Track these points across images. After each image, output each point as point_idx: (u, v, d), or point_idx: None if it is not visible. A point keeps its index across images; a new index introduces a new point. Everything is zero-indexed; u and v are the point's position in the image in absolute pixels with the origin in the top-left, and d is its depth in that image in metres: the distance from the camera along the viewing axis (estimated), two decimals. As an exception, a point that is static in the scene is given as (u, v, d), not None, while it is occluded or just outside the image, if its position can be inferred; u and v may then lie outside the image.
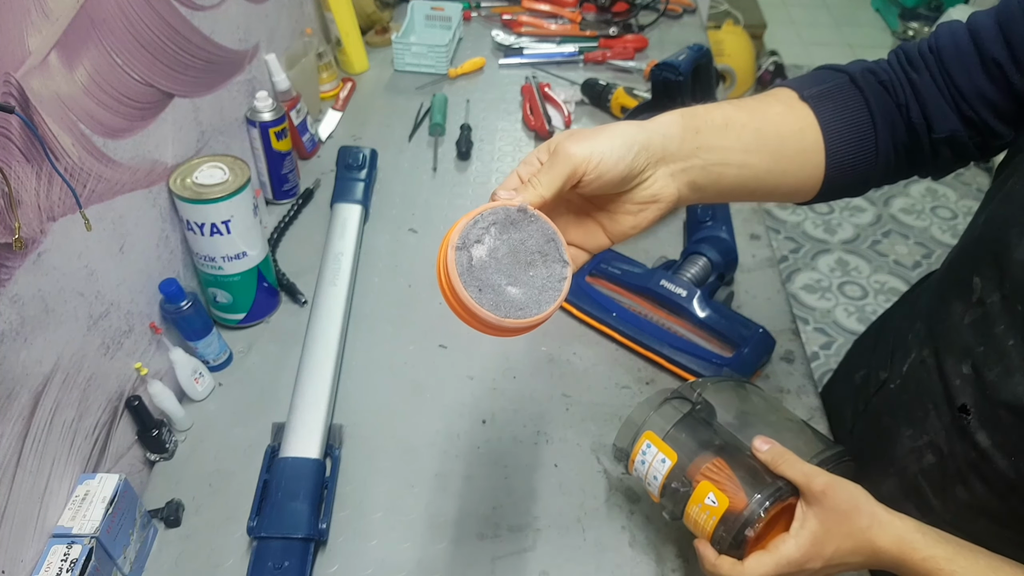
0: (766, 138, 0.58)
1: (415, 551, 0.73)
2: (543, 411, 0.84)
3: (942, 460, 0.64)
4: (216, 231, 0.83)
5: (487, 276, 0.49)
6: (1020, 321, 0.54)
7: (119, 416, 0.76)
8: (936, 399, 0.64)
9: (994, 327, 0.56)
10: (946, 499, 0.64)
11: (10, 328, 0.60)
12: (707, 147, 0.56)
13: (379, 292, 0.99)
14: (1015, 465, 0.56)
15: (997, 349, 0.56)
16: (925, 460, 0.66)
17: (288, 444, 0.77)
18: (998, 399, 0.56)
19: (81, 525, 0.65)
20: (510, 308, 0.49)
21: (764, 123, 0.59)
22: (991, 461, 0.58)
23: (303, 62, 1.18)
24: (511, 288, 0.49)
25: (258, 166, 1.07)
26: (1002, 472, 0.57)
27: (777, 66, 3.02)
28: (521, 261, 0.50)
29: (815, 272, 2.40)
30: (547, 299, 0.50)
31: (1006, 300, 0.55)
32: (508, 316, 0.48)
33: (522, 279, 0.50)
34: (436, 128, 1.23)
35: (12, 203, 0.58)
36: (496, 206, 0.50)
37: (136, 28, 0.76)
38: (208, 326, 0.85)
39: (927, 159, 0.62)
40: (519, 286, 0.50)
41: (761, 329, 0.88)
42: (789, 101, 0.60)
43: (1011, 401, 0.55)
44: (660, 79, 1.05)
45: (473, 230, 0.49)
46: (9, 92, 0.58)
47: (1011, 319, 0.54)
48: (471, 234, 0.49)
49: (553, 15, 1.52)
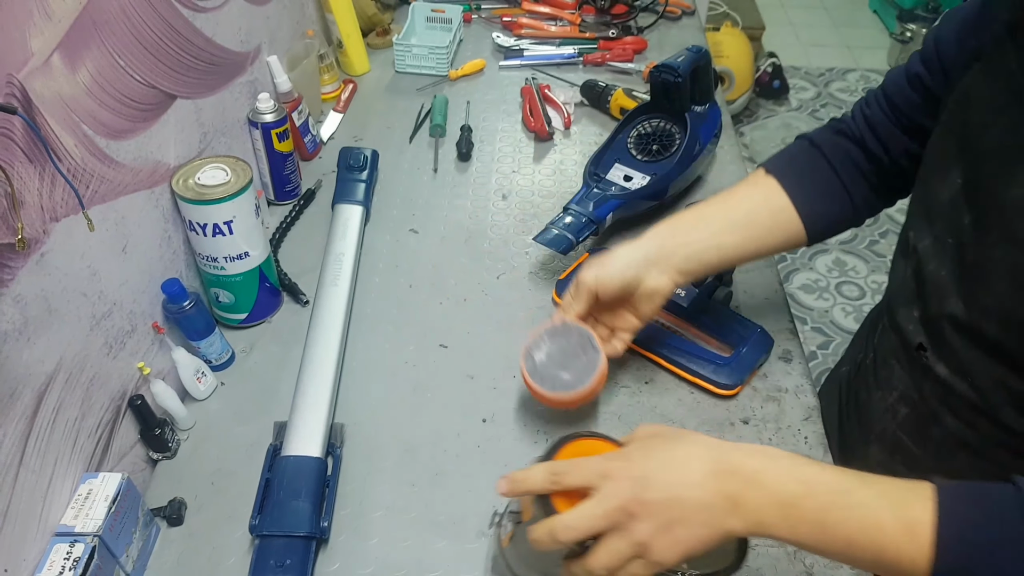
0: (735, 218, 0.75)
1: (415, 549, 0.73)
2: (543, 410, 0.85)
3: (914, 408, 0.71)
4: (218, 231, 0.83)
5: (547, 371, 0.75)
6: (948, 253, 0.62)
7: (122, 415, 0.76)
8: (897, 353, 0.72)
9: (927, 266, 0.65)
10: (925, 443, 0.69)
11: (13, 328, 0.60)
12: (684, 243, 0.73)
13: (380, 292, 0.99)
14: (973, 386, 0.63)
15: (933, 283, 0.64)
16: (900, 414, 0.73)
17: (290, 443, 0.77)
18: (942, 325, 0.64)
19: (84, 524, 0.65)
20: (565, 387, 0.73)
21: (731, 206, 0.76)
22: (953, 389, 0.65)
23: (304, 64, 1.18)
24: (564, 374, 0.74)
25: (260, 167, 1.07)
26: (964, 396, 0.64)
27: (775, 68, 3.03)
28: (568, 355, 0.74)
29: (813, 272, 2.40)
30: (589, 377, 0.73)
31: (936, 240, 0.64)
32: (564, 392, 0.73)
33: (571, 367, 0.74)
34: (437, 129, 1.23)
35: (15, 204, 0.59)
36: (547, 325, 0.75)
37: (138, 30, 0.76)
38: (210, 326, 0.85)
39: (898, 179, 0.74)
40: (569, 372, 0.74)
41: (759, 329, 0.89)
42: (755, 178, 0.77)
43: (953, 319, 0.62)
44: (659, 81, 1.05)
45: (534, 343, 0.75)
46: (12, 93, 0.59)
47: (941, 255, 0.63)
48: (532, 345, 0.75)
49: (553, 17, 1.52)
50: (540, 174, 1.18)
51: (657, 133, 1.10)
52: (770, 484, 0.52)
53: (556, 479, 0.56)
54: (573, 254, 0.99)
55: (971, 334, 0.61)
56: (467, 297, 0.98)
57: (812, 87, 3.21)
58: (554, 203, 1.12)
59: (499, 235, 1.07)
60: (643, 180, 1.05)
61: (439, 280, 1.01)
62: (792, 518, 0.51)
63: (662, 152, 1.08)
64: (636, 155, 1.09)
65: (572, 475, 0.56)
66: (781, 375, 0.88)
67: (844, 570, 0.71)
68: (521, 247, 1.05)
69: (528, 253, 1.04)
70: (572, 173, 1.18)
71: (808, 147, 0.78)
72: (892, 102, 0.73)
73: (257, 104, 1.02)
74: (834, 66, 3.33)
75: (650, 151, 1.08)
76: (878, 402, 0.76)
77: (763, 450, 0.55)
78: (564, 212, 1.00)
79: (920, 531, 0.49)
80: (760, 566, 0.71)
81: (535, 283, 1.00)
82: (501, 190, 1.15)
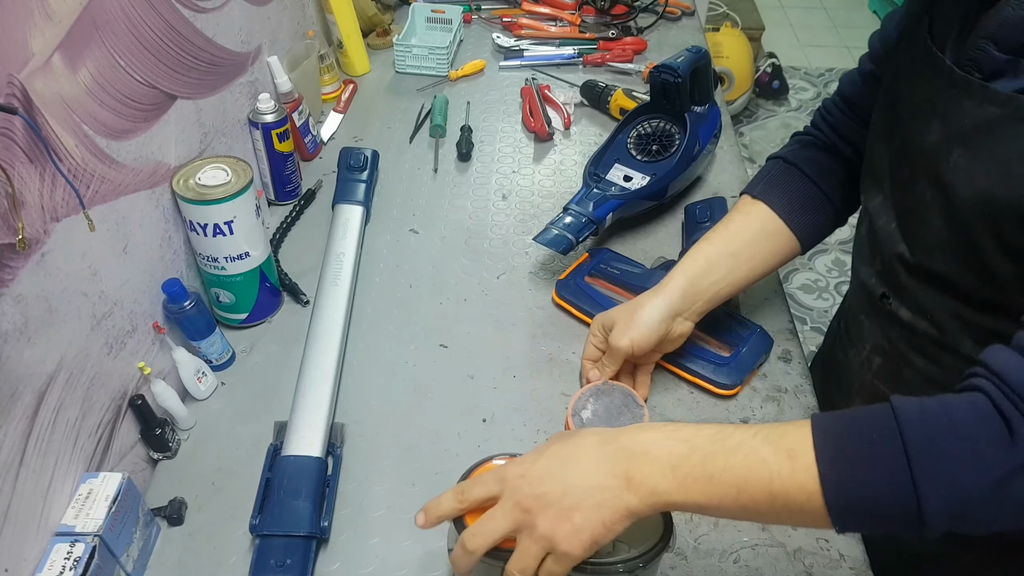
0: (739, 252, 0.81)
1: (416, 549, 0.73)
2: (543, 410, 0.85)
3: (886, 355, 0.75)
4: (219, 232, 0.83)
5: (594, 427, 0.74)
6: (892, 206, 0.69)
7: (122, 415, 0.76)
8: (864, 307, 0.77)
9: (877, 222, 0.71)
10: (901, 387, 0.72)
11: (14, 328, 0.60)
12: (701, 290, 0.80)
13: (380, 292, 0.99)
14: (933, 323, 0.68)
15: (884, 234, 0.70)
16: (874, 363, 0.77)
17: (290, 443, 0.77)
18: (897, 271, 0.69)
19: (84, 523, 0.65)
20: None
21: (733, 242, 0.81)
22: (916, 330, 0.70)
23: (305, 64, 1.18)
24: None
25: (260, 167, 1.08)
26: (927, 334, 0.69)
27: (775, 68, 3.03)
28: (613, 413, 0.76)
29: (812, 272, 2.40)
30: None
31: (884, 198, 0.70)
32: None
33: (616, 423, 0.75)
34: (437, 130, 1.23)
35: (16, 204, 0.59)
36: (590, 386, 0.79)
37: (139, 30, 0.76)
38: (211, 326, 0.85)
39: None
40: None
41: (759, 329, 0.89)
42: (745, 207, 0.84)
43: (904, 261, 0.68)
44: (659, 81, 1.05)
45: (579, 402, 0.77)
46: (12, 93, 0.59)
47: (888, 209, 0.70)
48: (578, 405, 0.77)
49: (553, 18, 1.52)
50: (540, 174, 1.19)
51: (657, 133, 1.10)
52: (655, 451, 0.54)
53: (462, 497, 0.58)
54: (573, 254, 0.99)
55: (921, 273, 0.67)
56: (467, 297, 0.98)
57: (811, 87, 3.21)
58: (554, 203, 1.12)
59: (499, 235, 1.07)
60: (643, 180, 1.05)
61: (439, 280, 1.01)
62: (681, 478, 0.52)
63: (662, 152, 1.08)
64: (636, 155, 1.09)
65: (474, 489, 0.58)
66: (781, 375, 0.88)
67: (844, 570, 0.71)
68: (521, 247, 1.05)
69: (528, 253, 1.04)
70: (572, 173, 1.18)
71: (784, 165, 0.85)
72: (851, 103, 0.82)
73: (258, 104, 1.02)
74: (833, 66, 3.34)
75: (650, 151, 1.08)
76: (854, 358, 0.81)
77: (648, 425, 0.58)
78: (564, 212, 1.00)
79: (801, 454, 0.50)
80: (760, 566, 0.71)
81: (535, 283, 1.00)
82: (501, 190, 1.15)
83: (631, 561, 0.57)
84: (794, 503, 0.50)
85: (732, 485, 0.51)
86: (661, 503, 0.53)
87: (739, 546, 0.73)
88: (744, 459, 0.52)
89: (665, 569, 0.72)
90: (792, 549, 0.72)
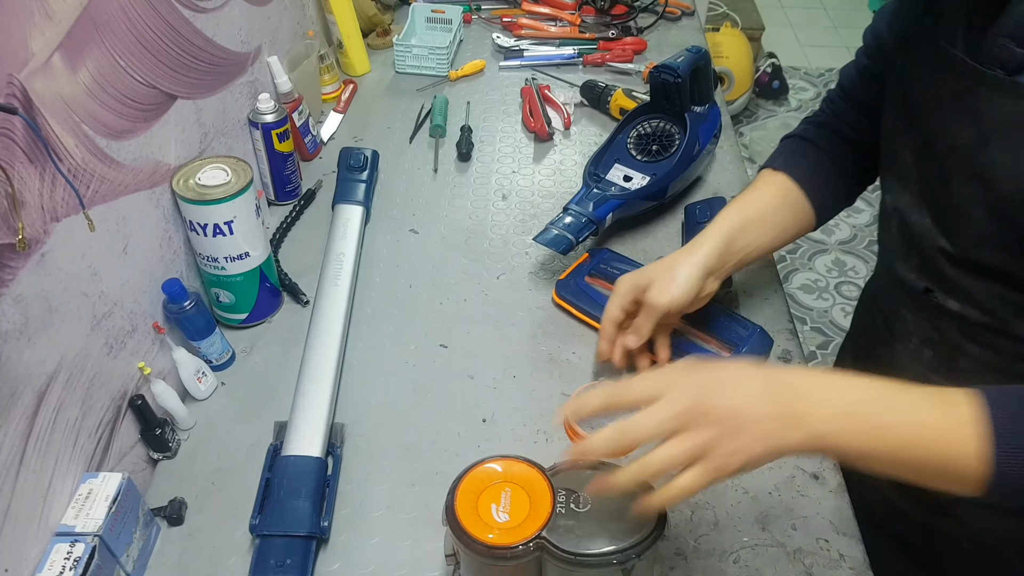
0: (764, 219, 0.82)
1: (416, 549, 0.73)
2: (543, 410, 0.85)
3: (936, 347, 0.74)
4: (219, 232, 0.83)
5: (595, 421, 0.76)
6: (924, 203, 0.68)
7: (122, 415, 0.76)
8: (907, 304, 0.75)
9: (910, 218, 0.71)
10: (956, 376, 0.71)
11: (14, 328, 0.60)
12: (735, 250, 0.81)
13: (380, 292, 0.99)
14: (983, 310, 0.67)
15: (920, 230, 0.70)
16: (925, 356, 0.75)
17: (290, 443, 0.77)
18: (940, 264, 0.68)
19: (84, 524, 0.65)
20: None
21: (760, 208, 0.83)
22: (967, 319, 0.68)
23: (305, 64, 1.18)
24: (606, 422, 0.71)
25: (260, 167, 1.08)
26: (979, 322, 0.68)
27: (775, 68, 3.03)
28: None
29: (812, 272, 2.40)
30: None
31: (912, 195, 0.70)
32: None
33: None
34: (437, 130, 1.23)
35: (16, 204, 0.59)
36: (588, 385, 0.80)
37: (139, 30, 0.76)
38: (211, 326, 0.85)
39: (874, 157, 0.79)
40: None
41: (759, 328, 0.89)
42: (769, 177, 0.86)
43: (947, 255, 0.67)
44: (659, 81, 1.05)
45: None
46: (12, 93, 0.59)
47: (919, 206, 0.69)
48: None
49: (553, 18, 1.52)
50: (540, 174, 1.19)
51: (657, 133, 1.10)
52: (827, 395, 0.54)
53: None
54: (573, 254, 0.99)
55: (967, 265, 0.66)
56: (467, 297, 0.98)
57: (811, 87, 3.21)
58: (554, 203, 1.12)
59: (499, 235, 1.07)
60: (643, 180, 1.05)
61: (439, 280, 1.01)
62: (853, 426, 0.53)
63: (662, 152, 1.08)
64: (636, 155, 1.09)
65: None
66: (781, 375, 0.88)
67: (844, 570, 0.71)
68: (521, 247, 1.05)
69: (528, 253, 1.04)
70: (572, 173, 1.18)
71: (800, 142, 0.88)
72: (851, 96, 0.84)
73: (258, 104, 1.02)
74: (833, 66, 3.33)
75: (650, 151, 1.08)
76: (900, 352, 0.79)
77: (806, 370, 0.59)
78: (564, 212, 1.00)
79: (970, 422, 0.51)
80: (760, 566, 0.71)
81: (535, 283, 1.00)
82: (501, 190, 1.15)
83: (624, 552, 0.57)
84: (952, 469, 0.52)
85: (899, 442, 0.52)
86: (823, 446, 0.54)
87: (739, 546, 0.73)
88: (917, 418, 0.53)
89: (665, 569, 0.72)
90: (792, 549, 0.72)
